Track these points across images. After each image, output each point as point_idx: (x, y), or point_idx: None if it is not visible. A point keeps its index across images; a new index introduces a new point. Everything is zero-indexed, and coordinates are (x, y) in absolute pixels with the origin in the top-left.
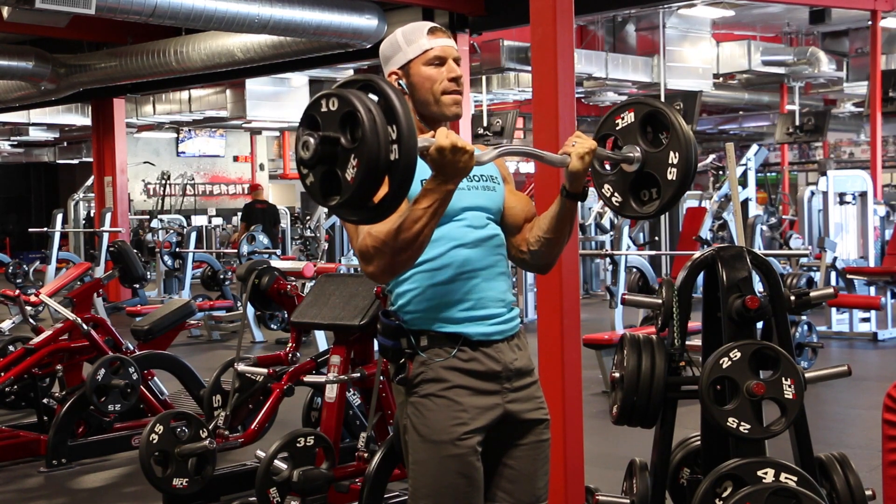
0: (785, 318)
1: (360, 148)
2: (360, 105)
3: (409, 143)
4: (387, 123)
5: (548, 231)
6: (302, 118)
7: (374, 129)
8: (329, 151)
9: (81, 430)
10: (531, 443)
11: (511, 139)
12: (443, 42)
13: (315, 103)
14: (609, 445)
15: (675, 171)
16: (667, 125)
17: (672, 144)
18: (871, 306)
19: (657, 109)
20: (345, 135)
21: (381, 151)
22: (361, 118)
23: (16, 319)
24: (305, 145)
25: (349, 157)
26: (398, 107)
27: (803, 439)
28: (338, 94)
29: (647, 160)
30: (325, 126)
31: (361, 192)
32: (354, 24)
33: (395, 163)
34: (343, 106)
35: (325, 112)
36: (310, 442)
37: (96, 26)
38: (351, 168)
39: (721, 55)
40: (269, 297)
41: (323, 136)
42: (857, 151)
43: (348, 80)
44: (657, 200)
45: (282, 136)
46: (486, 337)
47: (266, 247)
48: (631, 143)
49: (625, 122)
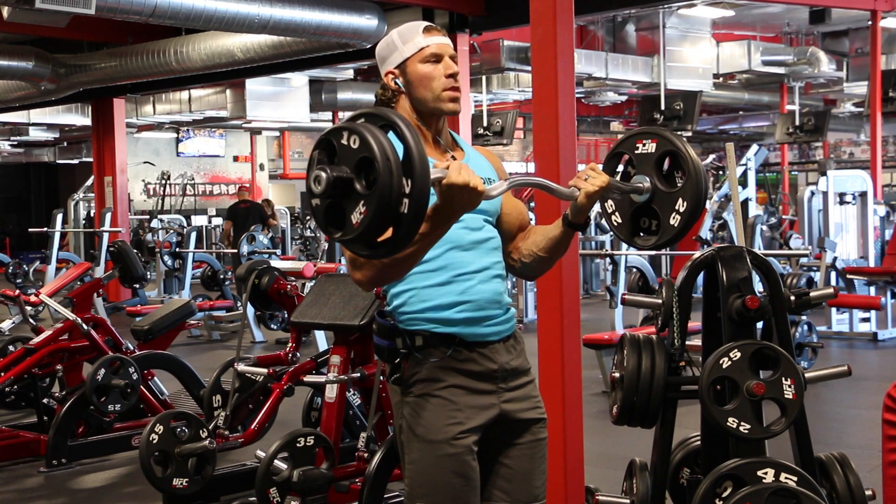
0: (785, 318)
1: (372, 197)
2: (380, 153)
3: (421, 198)
4: (402, 174)
5: (542, 250)
6: (321, 140)
7: (388, 181)
8: (340, 189)
9: (81, 430)
10: (528, 442)
11: (511, 139)
12: (438, 40)
13: (337, 132)
14: (609, 445)
15: (678, 218)
16: (684, 169)
17: (684, 191)
18: (871, 306)
19: (679, 152)
20: (359, 178)
21: (391, 203)
22: (378, 168)
23: (16, 319)
24: (317, 180)
25: (359, 202)
26: (416, 158)
27: (803, 439)
28: (361, 134)
29: (655, 195)
30: (342, 158)
31: (364, 237)
32: (354, 24)
33: (403, 215)
34: (363, 149)
35: (345, 145)
36: (310, 442)
37: (96, 26)
38: (358, 213)
39: (721, 55)
40: (269, 297)
41: (336, 178)
42: (857, 151)
43: (373, 114)
44: (655, 237)
45: (282, 136)
46: (482, 338)
47: (266, 247)
48: (645, 171)
49: (645, 150)
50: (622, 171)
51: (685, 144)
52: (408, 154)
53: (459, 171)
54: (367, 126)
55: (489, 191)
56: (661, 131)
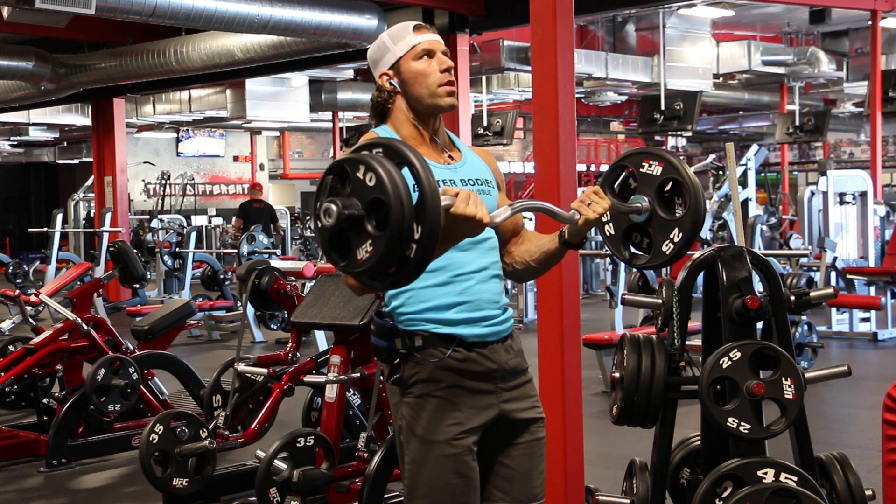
0: (785, 318)
1: (380, 239)
2: (394, 199)
3: (429, 245)
4: (414, 220)
5: (535, 261)
6: (336, 166)
7: (399, 226)
8: (349, 223)
9: (81, 430)
10: (527, 441)
11: (511, 139)
12: (429, 37)
13: (354, 163)
14: (609, 445)
15: (671, 247)
16: (685, 199)
17: (682, 222)
18: (871, 306)
19: (684, 182)
20: (370, 217)
21: (399, 248)
22: (391, 215)
23: (16, 319)
24: (328, 212)
25: (366, 240)
26: (430, 205)
27: (803, 439)
28: (377, 174)
29: (652, 218)
30: (355, 191)
31: (366, 274)
32: (354, 24)
33: (409, 258)
34: (378, 189)
35: (360, 179)
36: (310, 442)
37: (96, 26)
38: (365, 251)
39: (721, 55)
40: (269, 297)
41: (348, 215)
42: (857, 151)
43: (392, 149)
44: (645, 257)
45: (282, 136)
46: (481, 338)
47: (266, 247)
48: (646, 191)
49: (650, 170)
50: (622, 182)
51: (691, 175)
52: (422, 199)
53: (467, 202)
54: (384, 164)
55: (493, 218)
56: (670, 157)
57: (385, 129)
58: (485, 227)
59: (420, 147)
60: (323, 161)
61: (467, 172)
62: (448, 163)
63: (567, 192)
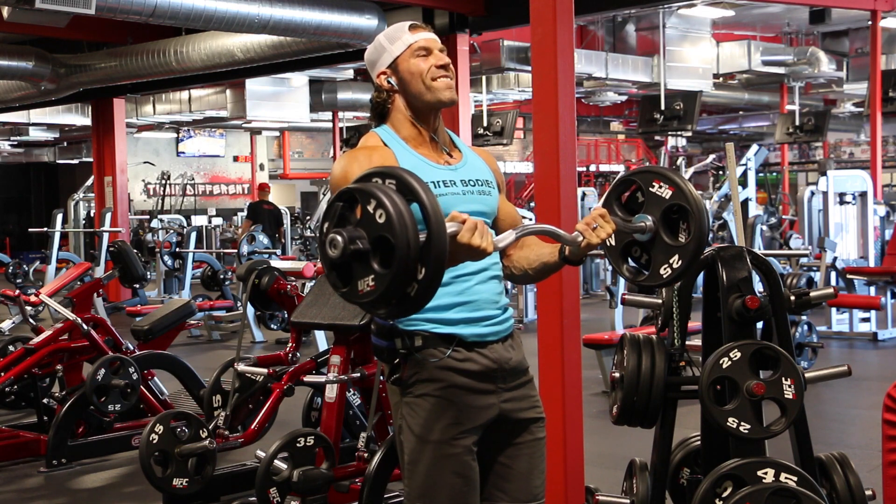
0: (785, 318)
1: (384, 277)
2: (402, 241)
3: (431, 286)
4: (419, 260)
5: (533, 270)
6: (346, 193)
7: (403, 267)
8: (354, 257)
9: (81, 430)
10: (527, 441)
11: (511, 139)
12: (425, 35)
13: (364, 195)
14: (609, 445)
15: (669, 271)
16: (691, 228)
17: (684, 250)
18: (871, 306)
19: (692, 211)
20: (375, 254)
21: (401, 286)
22: (397, 256)
23: (16, 319)
24: (333, 244)
25: (369, 275)
26: (436, 248)
27: (803, 439)
28: (388, 213)
29: (655, 240)
30: (363, 224)
31: (366, 306)
32: (354, 24)
33: (410, 296)
34: (387, 228)
35: (370, 212)
36: (310, 442)
37: (96, 26)
38: (366, 284)
39: (721, 55)
40: (269, 297)
41: (354, 251)
42: (857, 151)
43: (405, 184)
44: (641, 274)
45: (282, 136)
46: (481, 338)
47: (266, 247)
48: (652, 211)
49: (660, 192)
50: (630, 194)
51: (699, 203)
52: (429, 241)
53: (473, 232)
54: (395, 202)
55: (496, 243)
56: (681, 182)
57: (385, 129)
58: (488, 255)
59: (420, 147)
60: (323, 161)
61: (467, 173)
62: (448, 163)
63: (567, 192)
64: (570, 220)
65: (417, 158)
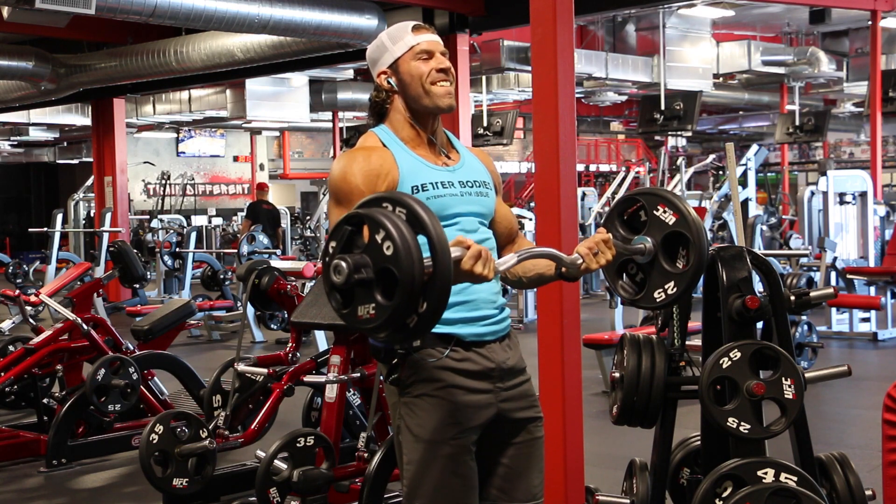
0: (785, 318)
1: (385, 309)
2: (406, 277)
3: (430, 320)
4: (421, 294)
5: (527, 279)
6: (355, 218)
7: (405, 302)
8: (357, 284)
9: (81, 430)
10: (525, 441)
11: (511, 139)
12: (428, 37)
13: (374, 224)
14: (609, 445)
15: (663, 296)
16: (690, 256)
17: (680, 277)
18: (871, 306)
19: (693, 241)
20: (378, 284)
21: (400, 319)
22: (401, 290)
23: (16, 319)
24: (338, 270)
25: (370, 303)
26: (440, 285)
27: (803, 439)
28: (395, 245)
29: (653, 264)
30: (369, 251)
31: (365, 331)
32: (354, 24)
33: (408, 327)
34: (393, 261)
35: (377, 242)
36: (310, 442)
37: (96, 26)
38: (367, 312)
39: (721, 55)
40: (269, 297)
41: (358, 280)
42: (857, 151)
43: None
44: (636, 292)
45: (282, 136)
46: (479, 337)
47: (266, 247)
48: (653, 234)
49: (663, 217)
50: (633, 211)
51: (701, 234)
52: (433, 277)
53: (476, 260)
54: (404, 235)
55: (498, 265)
56: (686, 211)
57: (383, 129)
58: (489, 281)
59: (417, 148)
60: (323, 161)
61: (465, 174)
62: (446, 164)
63: (567, 192)
64: (569, 219)
65: (415, 159)
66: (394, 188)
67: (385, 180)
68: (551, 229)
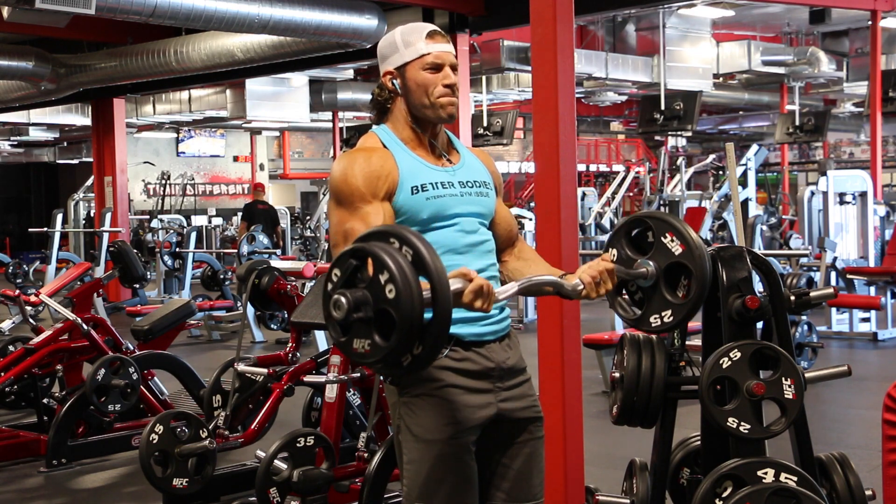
0: (785, 318)
1: (379, 349)
2: (404, 323)
3: (425, 362)
4: (418, 339)
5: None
6: (360, 253)
7: (402, 346)
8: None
9: (81, 430)
10: (525, 441)
11: (511, 139)
12: (441, 48)
13: (379, 264)
14: (609, 445)
15: (659, 323)
16: (691, 287)
17: (678, 308)
18: (871, 306)
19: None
20: (376, 324)
21: (395, 360)
22: (397, 335)
23: (16, 319)
24: (338, 305)
25: (366, 340)
26: (437, 332)
27: (803, 439)
28: (398, 289)
29: (654, 290)
30: (372, 287)
31: (359, 362)
32: (354, 24)
33: (401, 363)
34: (394, 305)
35: (380, 283)
36: (310, 442)
37: (96, 26)
38: (362, 347)
39: (721, 55)
40: (269, 297)
41: (357, 318)
42: (857, 151)
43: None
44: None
45: (282, 136)
46: (479, 337)
47: (266, 247)
48: (658, 260)
49: (670, 245)
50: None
51: (706, 270)
52: (431, 323)
53: (476, 295)
54: (407, 280)
55: (499, 293)
56: (695, 245)
57: (384, 129)
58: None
59: (417, 149)
60: (323, 161)
61: (465, 174)
62: (446, 164)
63: (567, 192)
64: (569, 219)
65: (415, 160)
66: (394, 189)
67: (386, 181)
68: (551, 229)
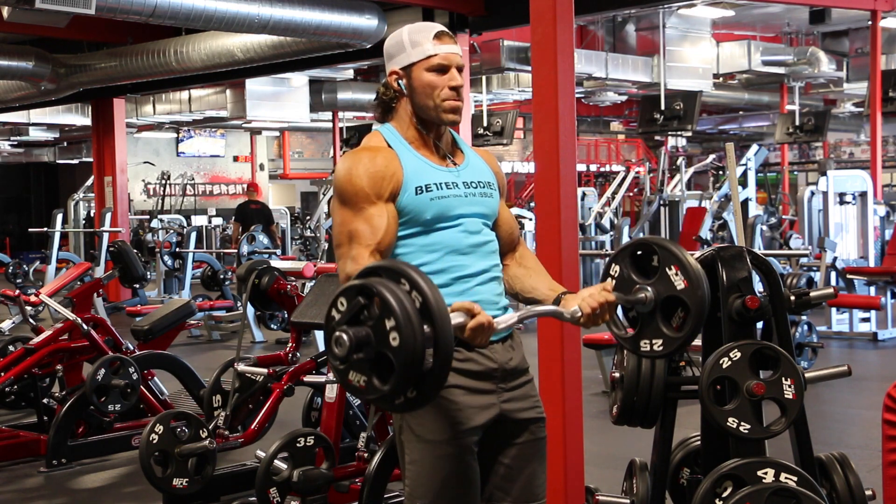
0: (785, 318)
1: (375, 389)
2: (403, 371)
3: (418, 404)
4: (415, 384)
5: (522, 298)
6: (365, 290)
7: (398, 391)
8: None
9: (81, 430)
10: (527, 441)
11: (511, 139)
12: (448, 49)
13: (387, 310)
14: (609, 445)
15: (647, 349)
16: (688, 322)
17: (670, 339)
18: (871, 306)
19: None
20: (376, 366)
21: (390, 401)
22: (395, 381)
23: (16, 319)
24: (339, 343)
25: (362, 377)
26: (435, 380)
27: (803, 439)
28: (402, 334)
29: (651, 316)
30: (376, 328)
31: (353, 395)
32: (354, 24)
33: (394, 403)
34: (397, 353)
35: (385, 329)
36: (310, 442)
37: (96, 26)
38: (358, 382)
39: (721, 55)
40: (269, 297)
41: (357, 359)
42: (857, 151)
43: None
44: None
45: (282, 136)
46: None
47: (266, 247)
48: (658, 289)
49: (674, 279)
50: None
51: (704, 308)
52: (431, 372)
53: (477, 331)
54: (413, 328)
55: (498, 322)
56: (698, 283)
57: (389, 128)
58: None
59: (422, 149)
60: (323, 161)
61: (469, 174)
62: (450, 165)
63: (567, 192)
64: (569, 219)
65: (420, 160)
66: (398, 189)
67: (390, 182)
68: (551, 229)
